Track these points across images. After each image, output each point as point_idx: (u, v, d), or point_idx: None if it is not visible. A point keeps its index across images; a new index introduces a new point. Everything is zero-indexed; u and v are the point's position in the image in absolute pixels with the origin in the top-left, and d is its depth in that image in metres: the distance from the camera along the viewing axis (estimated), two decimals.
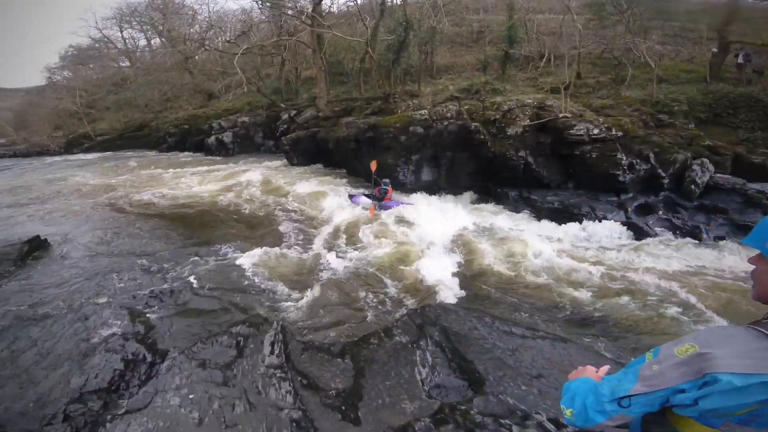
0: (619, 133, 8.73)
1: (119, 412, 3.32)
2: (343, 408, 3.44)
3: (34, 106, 40.81)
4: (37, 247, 7.51)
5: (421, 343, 4.26)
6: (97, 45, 36.58)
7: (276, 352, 4.06)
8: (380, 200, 9.10)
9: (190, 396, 3.40)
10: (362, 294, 5.68)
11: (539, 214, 8.64)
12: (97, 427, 3.20)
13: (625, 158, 8.43)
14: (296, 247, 7.54)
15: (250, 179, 12.78)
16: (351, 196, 9.91)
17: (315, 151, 14.55)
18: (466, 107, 10.04)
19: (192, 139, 21.04)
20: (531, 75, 14.21)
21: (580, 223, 7.98)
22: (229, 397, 3.41)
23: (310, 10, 16.37)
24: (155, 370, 3.90)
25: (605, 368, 1.31)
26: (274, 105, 19.41)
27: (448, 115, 9.74)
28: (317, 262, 6.77)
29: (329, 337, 4.67)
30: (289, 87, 21.31)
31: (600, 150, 8.63)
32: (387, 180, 9.33)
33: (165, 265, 6.66)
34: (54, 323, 4.88)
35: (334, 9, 22.84)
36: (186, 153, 20.75)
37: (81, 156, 24.82)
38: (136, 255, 7.21)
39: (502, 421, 3.00)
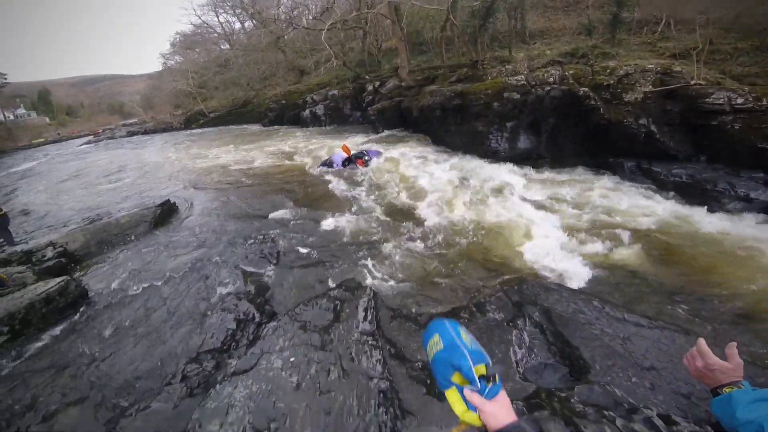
0: None
1: (228, 372, 3.39)
2: (428, 382, 3.18)
3: (155, 89, 45.85)
4: (168, 210, 8.17)
5: (518, 322, 3.77)
6: (199, 30, 39.18)
7: (368, 318, 3.89)
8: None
9: (291, 359, 3.37)
10: (455, 265, 5.18)
11: (663, 188, 7.21)
12: (208, 388, 3.29)
13: None
14: (387, 213, 7.21)
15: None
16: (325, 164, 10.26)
17: (400, 120, 14.14)
18: (570, 72, 8.58)
19: (289, 113, 22.02)
20: (645, 40, 11.80)
21: (714, 199, 6.47)
22: (325, 362, 3.32)
23: None
24: (262, 331, 3.95)
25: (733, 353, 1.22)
26: (359, 77, 19.08)
27: (551, 80, 8.41)
28: (409, 230, 6.38)
29: (419, 306, 4.32)
30: (372, 59, 20.72)
31: (745, 121, 6.84)
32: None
33: (273, 227, 6.83)
34: (181, 281, 5.21)
35: None
36: (284, 126, 21.86)
37: (197, 130, 27.47)
38: (249, 217, 7.53)
39: (606, 412, 2.52)
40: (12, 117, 61.13)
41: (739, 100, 6.93)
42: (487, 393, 0.94)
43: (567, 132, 8.43)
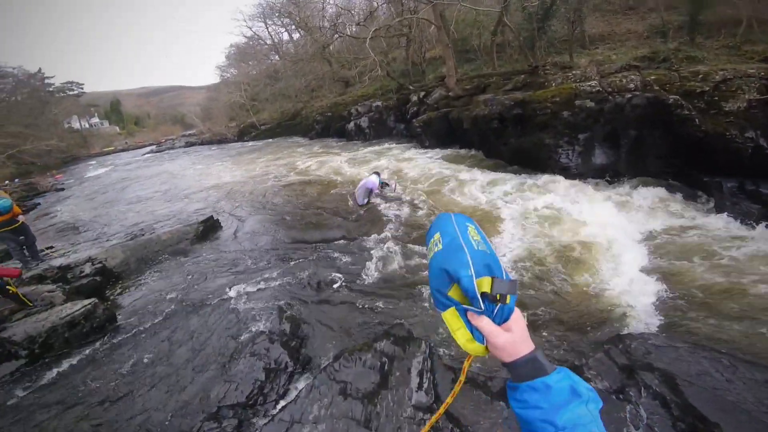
0: None
1: None
2: None
3: (212, 101, 48.05)
4: (211, 227, 7.74)
5: (629, 392, 2.81)
6: (250, 43, 40.36)
7: (424, 386, 2.99)
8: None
9: None
10: (539, 316, 4.08)
11: None
12: None
13: None
14: None
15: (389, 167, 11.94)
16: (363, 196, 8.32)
17: (447, 132, 13.01)
18: (652, 78, 7.29)
19: (335, 126, 21.72)
20: (725, 43, 10.15)
21: None
22: None
23: None
24: (294, 387, 3.23)
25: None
26: (403, 88, 18.33)
27: (631, 86, 7.16)
28: None
29: (491, 369, 3.32)
30: (416, 69, 19.94)
31: None
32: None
33: (316, 255, 6.08)
34: (212, 312, 4.60)
35: None
36: (330, 138, 21.53)
37: (249, 143, 28.15)
38: (293, 241, 6.86)
39: None
40: (87, 125, 65.05)
41: None
42: (495, 315, 0.67)
43: (651, 145, 7.11)
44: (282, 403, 3.08)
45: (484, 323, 0.68)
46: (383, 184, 8.62)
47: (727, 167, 6.48)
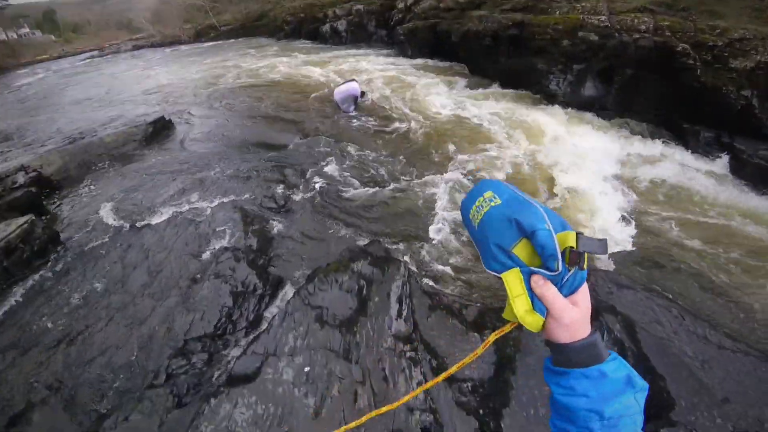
0: None
1: (223, 379, 2.55)
2: (481, 412, 2.41)
3: (166, 4, 41.29)
4: (161, 127, 6.91)
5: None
6: None
7: (404, 313, 2.92)
8: None
9: (306, 369, 2.49)
10: None
11: (740, 168, 6.00)
12: (201, 399, 2.48)
13: None
14: (424, 162, 5.67)
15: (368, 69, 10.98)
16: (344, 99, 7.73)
17: (433, 44, 12.12)
18: (666, 24, 6.74)
19: (307, 27, 19.50)
20: (749, 4, 9.26)
21: None
22: (350, 379, 2.45)
23: None
24: (266, 313, 3.04)
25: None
26: None
27: (642, 27, 6.63)
28: (447, 189, 4.97)
29: (465, 295, 3.33)
30: None
31: None
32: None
33: (284, 161, 5.55)
34: (167, 226, 4.14)
35: None
36: (301, 41, 19.33)
37: (208, 45, 24.66)
38: (256, 145, 6.20)
39: None
40: (15, 36, 58.13)
41: None
42: (565, 284, 0.56)
43: (644, 87, 6.87)
44: (254, 333, 2.92)
45: (553, 293, 0.56)
46: (362, 93, 8.00)
47: (709, 119, 6.46)
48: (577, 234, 0.54)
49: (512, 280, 0.57)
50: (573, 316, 0.57)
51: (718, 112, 6.30)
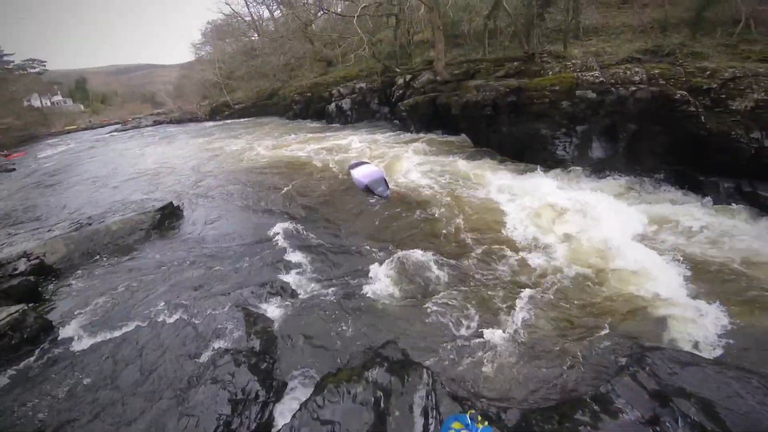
0: None
1: None
2: None
3: (185, 79, 45.50)
4: (170, 214, 6.94)
5: (666, 422, 2.47)
6: (228, 20, 38.03)
7: (431, 428, 2.45)
8: None
9: None
10: (551, 333, 3.62)
11: None
12: None
13: None
14: (446, 248, 5.32)
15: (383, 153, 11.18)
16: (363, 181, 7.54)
17: (434, 117, 12.54)
18: (656, 71, 6.97)
19: (314, 107, 20.68)
20: (722, 42, 10.03)
21: None
22: None
23: None
24: (269, 427, 2.71)
25: None
26: (389, 70, 17.49)
27: (635, 78, 6.81)
28: (481, 274, 4.63)
29: (504, 398, 2.90)
30: (403, 51, 19.09)
31: None
32: None
33: (291, 250, 5.40)
34: (165, 324, 3.93)
35: None
36: (309, 120, 20.41)
37: (221, 122, 26.51)
38: (263, 233, 6.12)
39: None
40: (49, 103, 60.84)
41: None
42: None
43: (650, 141, 6.84)
44: None
45: None
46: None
47: (723, 168, 6.32)
48: (478, 412, 1.77)
49: None
50: None
51: (731, 159, 6.16)
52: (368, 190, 7.24)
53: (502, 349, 3.39)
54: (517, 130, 8.27)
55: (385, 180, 7.44)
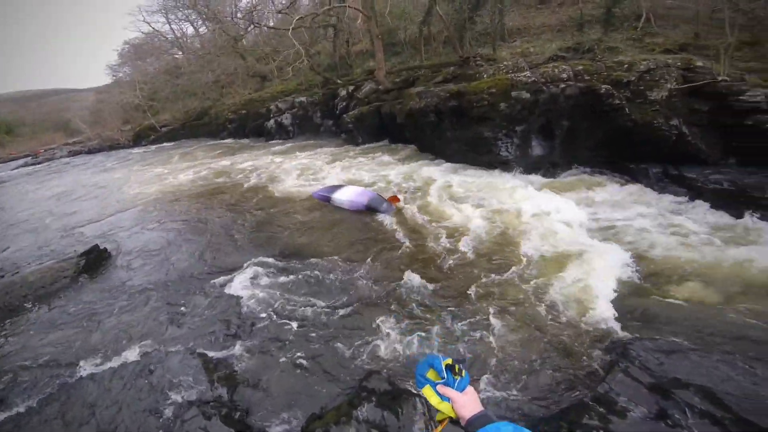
0: None
1: None
2: None
3: (103, 103, 42.04)
4: (96, 259, 6.24)
5: (675, 415, 2.50)
6: (148, 39, 35.94)
7: None
8: None
9: None
10: (531, 339, 3.59)
11: (698, 196, 6.28)
12: None
13: None
14: (414, 263, 5.19)
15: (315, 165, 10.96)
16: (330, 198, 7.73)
17: (380, 127, 12.66)
18: (580, 68, 7.53)
19: (251, 124, 19.78)
20: (629, 36, 11.26)
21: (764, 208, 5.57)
22: None
23: None
24: None
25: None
26: (330, 82, 17.40)
27: (563, 76, 7.29)
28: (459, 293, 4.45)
29: (506, 415, 2.83)
30: (343, 62, 19.13)
31: None
32: None
33: (240, 285, 5.00)
34: (113, 375, 3.50)
35: None
36: (246, 139, 19.51)
37: (147, 148, 24.65)
38: (210, 270, 5.64)
39: None
40: None
41: None
42: (456, 385, 1.12)
43: (582, 136, 7.36)
44: None
45: (450, 390, 1.11)
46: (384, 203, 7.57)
47: (649, 155, 6.95)
48: (453, 359, 1.16)
49: (427, 390, 1.15)
50: (465, 400, 1.08)
51: (657, 146, 6.79)
52: (370, 209, 6.98)
53: (488, 362, 3.34)
54: (461, 134, 8.54)
55: (379, 195, 7.29)
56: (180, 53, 34.00)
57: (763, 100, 6.23)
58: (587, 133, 7.27)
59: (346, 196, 7.47)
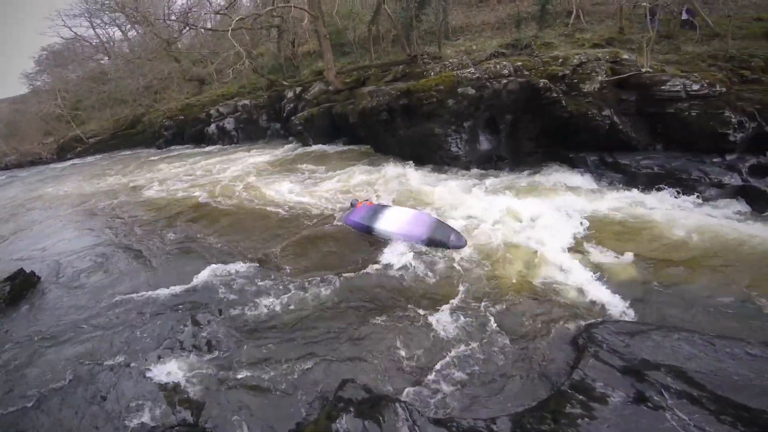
0: (723, 89, 6.94)
1: None
2: None
3: (19, 114, 38.34)
4: (23, 284, 5.85)
5: (654, 398, 2.64)
6: (69, 45, 33.34)
7: None
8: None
9: None
10: (501, 332, 3.78)
11: (633, 181, 6.97)
12: None
13: (734, 116, 6.69)
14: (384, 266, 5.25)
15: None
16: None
17: (332, 128, 12.79)
18: (519, 63, 8.08)
19: (190, 130, 18.89)
20: (561, 32, 12.24)
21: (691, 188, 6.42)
22: None
23: None
24: None
25: None
26: (275, 84, 17.14)
27: (505, 71, 7.82)
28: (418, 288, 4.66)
29: (489, 411, 2.97)
30: (289, 64, 18.88)
31: (701, 107, 6.95)
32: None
33: (188, 298, 4.90)
34: (61, 405, 3.36)
35: None
36: (185, 146, 18.57)
37: (73, 162, 22.80)
38: (148, 282, 5.49)
39: None
40: None
41: (695, 87, 7.04)
42: None
43: (525, 129, 7.93)
44: None
45: None
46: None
47: (586, 144, 7.66)
48: None
49: None
50: None
51: (593, 135, 7.45)
52: (434, 243, 5.53)
53: (465, 360, 3.49)
54: (412, 132, 8.90)
55: (445, 223, 5.93)
56: (106, 58, 31.87)
57: (682, 90, 7.06)
58: (529, 126, 7.82)
59: (395, 225, 5.88)
